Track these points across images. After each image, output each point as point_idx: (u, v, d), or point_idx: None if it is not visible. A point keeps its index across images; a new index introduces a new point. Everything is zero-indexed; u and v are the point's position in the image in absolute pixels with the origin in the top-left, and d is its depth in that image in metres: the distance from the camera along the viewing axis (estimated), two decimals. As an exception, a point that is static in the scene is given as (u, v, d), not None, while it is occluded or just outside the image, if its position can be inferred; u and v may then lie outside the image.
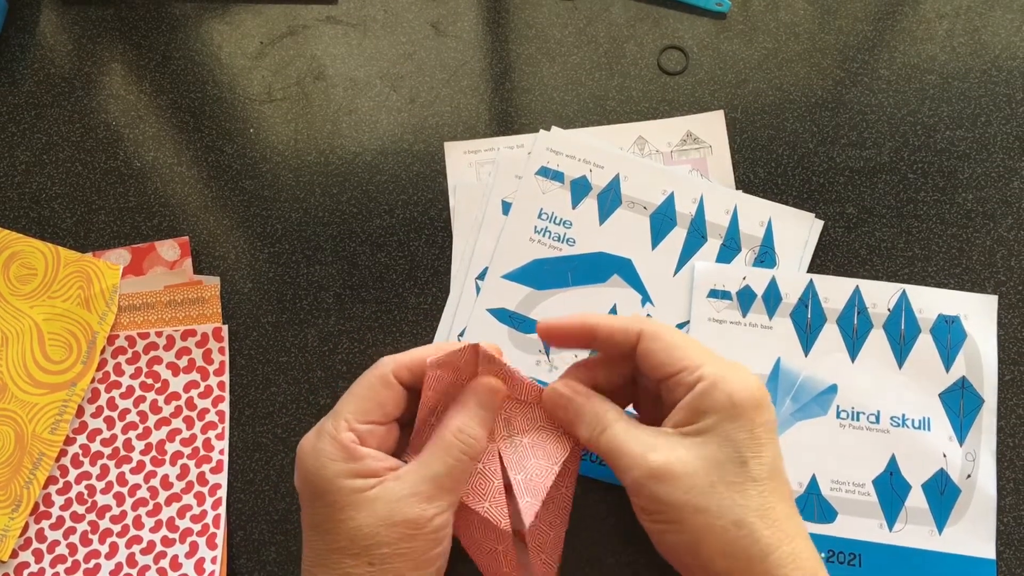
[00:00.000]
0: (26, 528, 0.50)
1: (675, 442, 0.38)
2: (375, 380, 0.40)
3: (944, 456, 0.49)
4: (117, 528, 0.50)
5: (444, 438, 0.39)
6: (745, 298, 0.52)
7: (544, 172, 0.55)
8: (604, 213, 0.54)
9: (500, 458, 0.41)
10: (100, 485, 0.51)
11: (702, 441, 0.37)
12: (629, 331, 0.40)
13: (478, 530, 0.43)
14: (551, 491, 0.42)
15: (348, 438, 0.38)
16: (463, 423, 0.40)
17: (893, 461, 0.49)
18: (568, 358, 0.52)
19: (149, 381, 0.52)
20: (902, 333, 0.51)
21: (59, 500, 0.50)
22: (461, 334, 0.53)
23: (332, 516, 0.38)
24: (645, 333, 0.40)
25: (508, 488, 0.41)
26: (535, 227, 0.54)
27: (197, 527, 0.50)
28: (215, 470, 0.51)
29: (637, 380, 0.43)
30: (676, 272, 0.53)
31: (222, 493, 0.50)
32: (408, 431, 0.42)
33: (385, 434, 0.40)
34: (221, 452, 0.51)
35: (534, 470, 0.40)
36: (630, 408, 0.46)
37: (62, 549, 0.50)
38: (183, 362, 0.52)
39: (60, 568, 0.49)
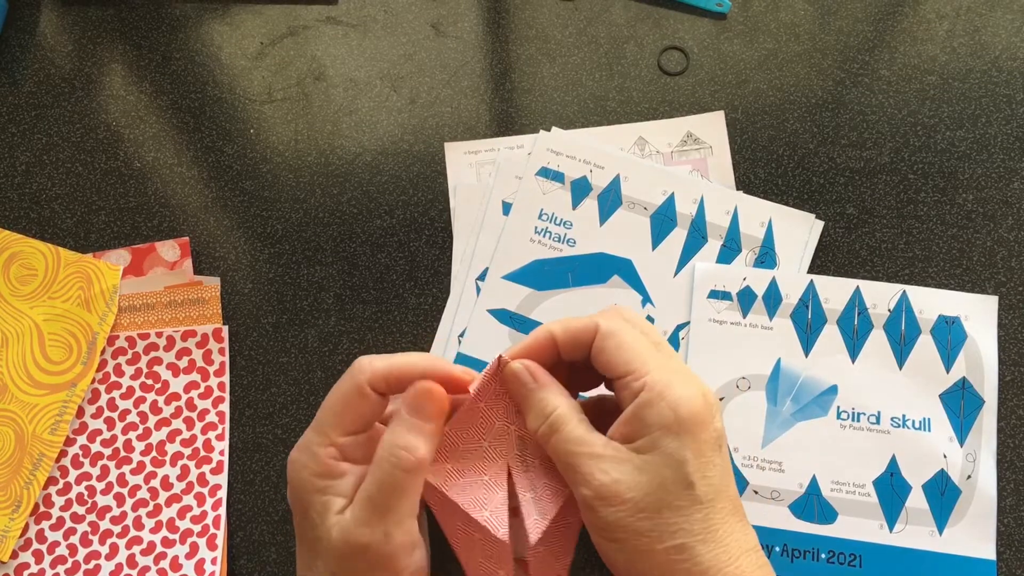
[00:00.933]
0: (26, 529, 0.50)
1: (623, 459, 0.37)
2: (350, 392, 0.38)
3: (944, 457, 0.49)
4: (117, 529, 0.50)
5: (377, 454, 0.38)
6: (745, 299, 0.52)
7: (544, 173, 0.55)
8: (604, 214, 0.54)
9: (510, 475, 0.41)
10: (100, 486, 0.51)
11: (648, 460, 0.37)
12: (589, 328, 0.39)
13: (480, 552, 0.42)
14: (560, 520, 0.41)
15: (328, 454, 0.38)
16: (394, 435, 0.38)
17: (893, 462, 0.49)
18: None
19: (149, 382, 0.52)
20: (902, 334, 0.51)
21: (59, 501, 0.50)
22: (462, 335, 0.53)
23: (311, 530, 0.38)
24: (601, 330, 0.39)
25: (514, 510, 0.40)
26: (535, 228, 0.54)
27: (197, 528, 0.50)
28: (215, 471, 0.51)
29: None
30: (676, 273, 0.53)
31: (222, 494, 0.50)
32: None
33: (367, 442, 0.39)
34: (221, 453, 0.51)
35: (544, 491, 0.40)
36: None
37: (62, 550, 0.50)
38: (183, 363, 0.52)
39: (60, 569, 0.49)
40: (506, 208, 0.55)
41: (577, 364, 0.41)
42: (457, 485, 0.41)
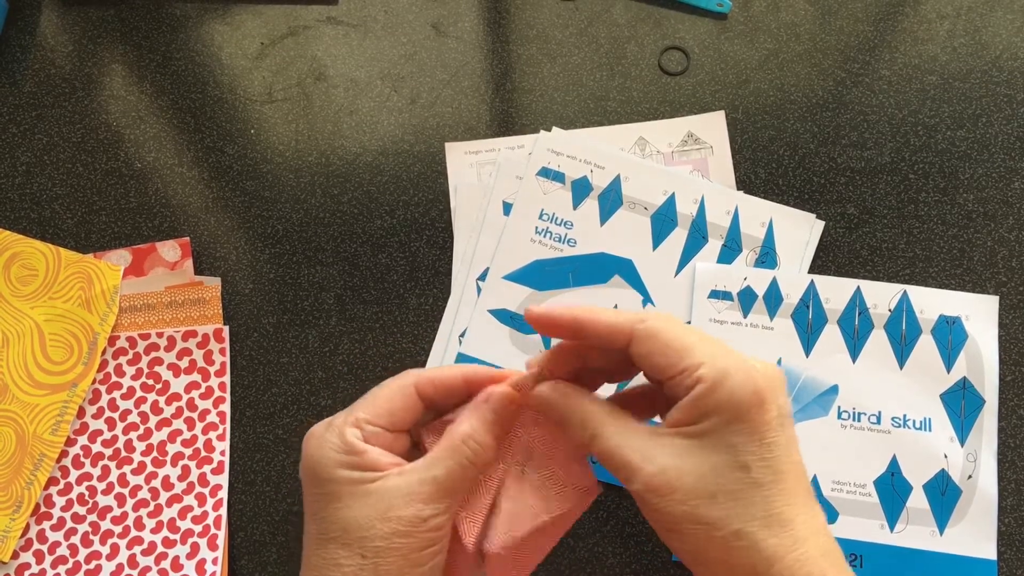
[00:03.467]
0: (27, 529, 0.50)
1: (673, 447, 0.36)
2: (395, 387, 0.40)
3: (945, 457, 0.49)
4: (118, 529, 0.50)
5: (452, 442, 0.39)
6: (746, 299, 0.52)
7: (545, 173, 0.55)
8: (605, 214, 0.54)
9: (502, 480, 0.41)
10: (101, 486, 0.51)
11: (701, 445, 0.36)
12: (621, 330, 0.38)
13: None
14: (531, 540, 0.41)
15: (352, 434, 0.38)
16: (472, 429, 0.39)
17: (894, 462, 0.49)
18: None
19: (150, 382, 0.52)
20: (903, 334, 0.51)
21: (60, 501, 0.50)
22: (462, 335, 0.53)
23: (329, 504, 0.38)
24: (637, 335, 0.37)
25: (493, 508, 0.40)
26: (536, 228, 0.54)
27: (198, 528, 0.50)
28: (216, 471, 0.51)
29: None
30: (677, 273, 0.53)
31: (223, 494, 0.50)
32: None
33: (392, 441, 0.40)
34: (222, 453, 0.51)
35: (524, 509, 0.39)
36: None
37: (63, 550, 0.50)
38: (184, 363, 0.52)
39: (61, 569, 0.49)
40: (507, 208, 0.55)
41: (601, 365, 0.41)
42: None
